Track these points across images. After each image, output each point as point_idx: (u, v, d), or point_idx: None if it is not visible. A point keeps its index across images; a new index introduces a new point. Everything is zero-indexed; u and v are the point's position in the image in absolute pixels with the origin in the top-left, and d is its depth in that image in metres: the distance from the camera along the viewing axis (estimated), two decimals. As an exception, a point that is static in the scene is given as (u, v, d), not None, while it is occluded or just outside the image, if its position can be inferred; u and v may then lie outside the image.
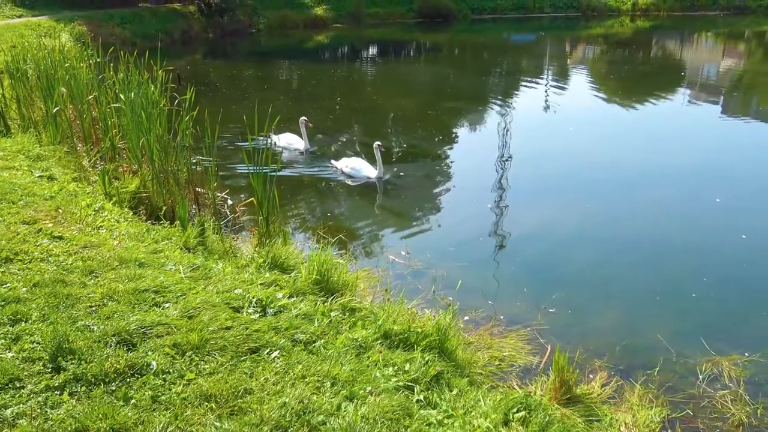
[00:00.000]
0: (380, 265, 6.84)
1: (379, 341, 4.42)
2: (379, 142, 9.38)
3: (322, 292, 5.18)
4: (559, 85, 20.14)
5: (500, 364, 5.06)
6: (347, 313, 4.86)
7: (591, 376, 4.99)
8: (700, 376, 5.04)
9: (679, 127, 14.16)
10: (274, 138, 11.05)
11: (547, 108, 16.05)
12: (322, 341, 4.23)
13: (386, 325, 4.57)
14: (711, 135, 13.56)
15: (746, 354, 5.29)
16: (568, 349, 4.99)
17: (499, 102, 16.81)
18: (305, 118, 10.90)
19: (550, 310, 5.98)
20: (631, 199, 9.10)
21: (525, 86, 19.56)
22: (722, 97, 18.39)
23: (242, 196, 8.65)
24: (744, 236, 7.73)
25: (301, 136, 11.11)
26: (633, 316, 6.00)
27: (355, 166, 9.70)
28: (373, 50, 30.12)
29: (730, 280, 6.76)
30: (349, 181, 9.54)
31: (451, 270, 6.74)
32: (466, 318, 5.76)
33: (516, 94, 18.33)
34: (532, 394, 4.35)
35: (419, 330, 4.59)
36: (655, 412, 4.54)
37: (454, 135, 13.27)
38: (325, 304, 4.88)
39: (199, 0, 32.27)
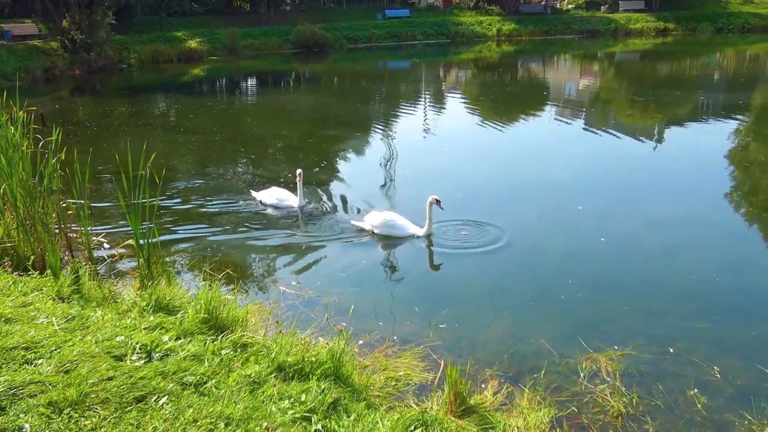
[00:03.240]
0: (271, 298, 6.75)
1: (274, 375, 4.34)
2: (435, 197, 8.26)
3: (212, 330, 5.04)
4: (436, 108, 20.94)
5: (396, 384, 5.12)
6: (239, 350, 4.74)
7: (483, 385, 5.17)
8: (581, 374, 5.36)
9: (547, 143, 15.12)
10: (258, 195, 10.04)
11: (426, 131, 16.62)
12: (213, 381, 4.09)
13: (280, 358, 4.51)
14: (576, 148, 14.59)
15: (618, 348, 5.71)
16: (460, 362, 5.17)
17: (379, 127, 17.19)
18: (301, 170, 9.72)
19: (441, 326, 6.14)
20: (505, 213, 9.52)
21: (404, 111, 20.16)
22: (584, 112, 19.90)
23: (121, 237, 8.23)
24: (603, 239, 8.40)
25: (292, 191, 9.95)
26: (516, 323, 6.30)
27: (396, 223, 8.50)
28: (251, 82, 29.89)
29: (595, 280, 7.31)
30: (381, 246, 8.44)
31: (343, 296, 6.78)
32: (361, 342, 5.80)
33: (395, 119, 18.84)
34: (428, 410, 4.44)
35: (313, 359, 4.56)
36: (544, 413, 4.78)
37: (336, 162, 13.40)
38: (215, 342, 4.74)
39: (62, 36, 30.62)
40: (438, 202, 8.25)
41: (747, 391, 5.14)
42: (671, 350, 5.72)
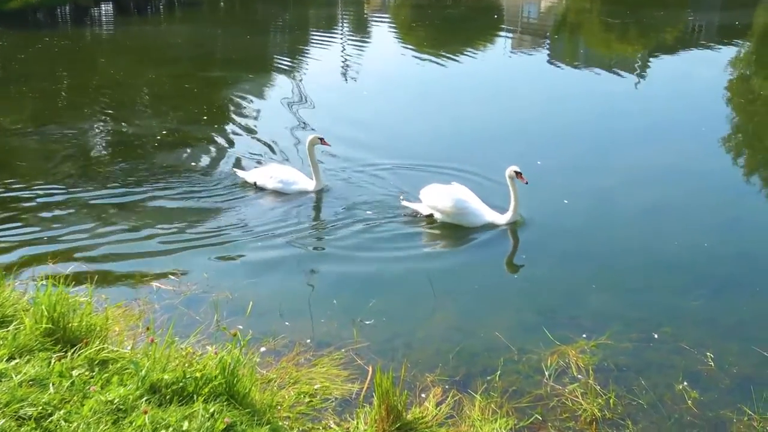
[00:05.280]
0: (141, 297, 6.63)
1: (145, 398, 4.29)
2: (516, 168, 8.01)
3: (59, 344, 4.91)
4: (357, 39, 20.91)
5: (312, 401, 5.16)
6: (97, 369, 4.66)
7: (423, 395, 5.28)
8: (546, 373, 5.56)
9: (500, 81, 15.44)
10: (249, 176, 9.45)
11: (345, 70, 16.59)
12: (62, 412, 4.01)
13: (153, 376, 4.45)
14: (537, 87, 14.94)
15: (590, 337, 5.94)
16: (393, 367, 5.25)
17: (282, 67, 17.04)
18: (321, 137, 9.25)
19: (367, 323, 6.22)
20: (444, 171, 9.66)
21: (314, 44, 20.03)
22: (547, 42, 20.32)
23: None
24: (566, 201, 8.72)
25: (303, 170, 9.57)
26: (463, 314, 6.46)
27: (468, 207, 8.16)
28: (105, 8, 28.85)
29: (557, 253, 7.57)
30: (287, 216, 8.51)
31: (238, 290, 6.75)
32: (263, 349, 5.80)
33: (303, 54, 18.70)
34: (352, 430, 4.50)
35: (199, 374, 4.53)
36: (501, 424, 4.94)
37: (224, 114, 13.26)
38: (64, 360, 4.62)
39: None
40: (519, 174, 8.00)
41: (746, 380, 5.48)
42: (655, 336, 6.01)
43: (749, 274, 7.04)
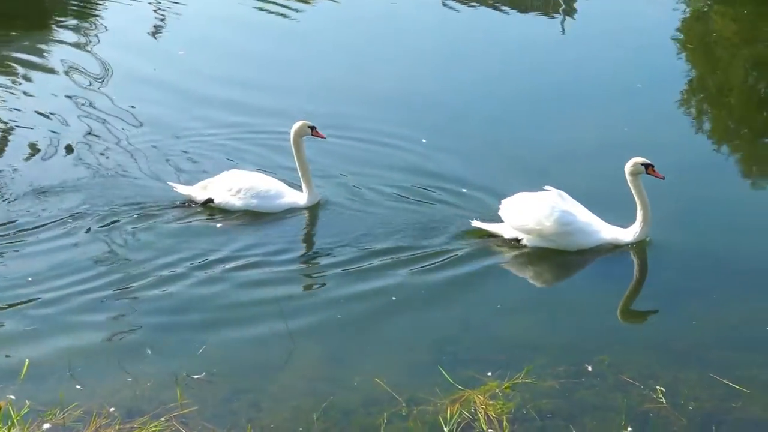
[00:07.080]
0: None
1: None
2: (642, 159, 7.83)
3: None
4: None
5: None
6: None
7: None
8: (446, 429, 5.63)
9: (379, 29, 15.48)
10: (197, 192, 9.01)
11: (161, 21, 16.33)
12: None
13: None
14: (428, 36, 15.10)
15: (502, 376, 6.07)
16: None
17: (68, 17, 16.63)
18: (311, 124, 8.87)
19: (195, 377, 6.20)
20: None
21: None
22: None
23: None
24: (464, 190, 9.01)
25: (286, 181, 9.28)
26: (329, 356, 6.57)
27: (576, 223, 7.87)
28: None
29: (451, 262, 7.75)
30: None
31: (7, 344, 6.64)
32: (47, 426, 5.71)
33: (99, 4, 18.33)
34: None
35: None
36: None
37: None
38: None
39: None
40: (650, 167, 7.79)
41: (707, 419, 5.76)
42: (588, 368, 6.21)
43: (706, 278, 7.39)
